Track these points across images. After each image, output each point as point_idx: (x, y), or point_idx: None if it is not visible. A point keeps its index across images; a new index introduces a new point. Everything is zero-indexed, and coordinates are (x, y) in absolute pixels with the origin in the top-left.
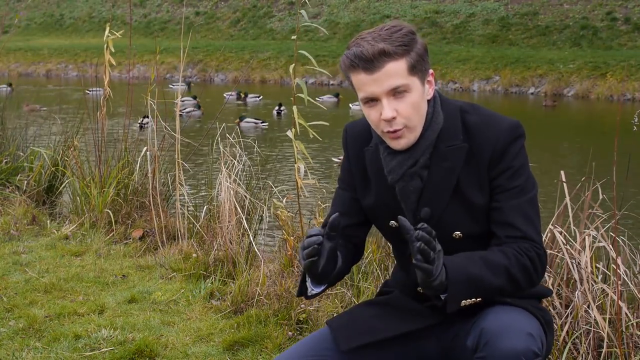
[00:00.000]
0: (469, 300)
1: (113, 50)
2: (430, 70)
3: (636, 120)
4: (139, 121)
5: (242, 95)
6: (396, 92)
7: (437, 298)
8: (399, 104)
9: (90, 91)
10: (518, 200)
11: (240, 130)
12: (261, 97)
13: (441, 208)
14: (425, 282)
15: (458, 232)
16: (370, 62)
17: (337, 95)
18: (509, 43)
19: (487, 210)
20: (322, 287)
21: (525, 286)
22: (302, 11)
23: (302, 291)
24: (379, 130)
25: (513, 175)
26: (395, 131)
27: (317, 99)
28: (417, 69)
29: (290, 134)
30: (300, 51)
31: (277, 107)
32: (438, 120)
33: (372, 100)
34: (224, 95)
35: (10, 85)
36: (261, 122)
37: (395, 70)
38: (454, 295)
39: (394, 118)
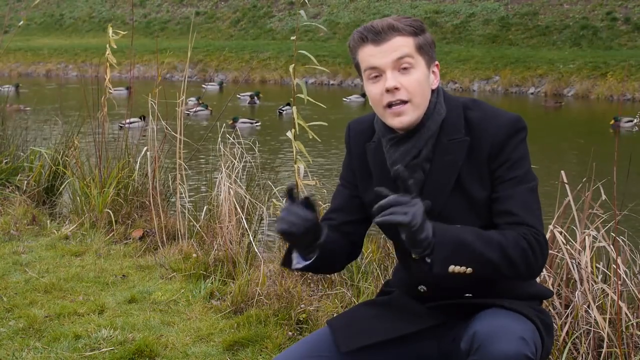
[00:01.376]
0: (457, 267)
1: (115, 46)
2: (436, 62)
3: (637, 120)
4: (121, 122)
5: (252, 98)
6: (401, 67)
7: (424, 263)
8: (402, 78)
9: (114, 90)
10: (516, 189)
11: (236, 131)
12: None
13: (442, 201)
14: (410, 235)
15: (459, 226)
16: (379, 34)
17: (364, 95)
18: (509, 43)
19: (489, 204)
20: (308, 262)
21: (523, 270)
22: (301, 11)
23: (286, 262)
24: (381, 107)
25: (512, 166)
26: (399, 103)
27: (344, 99)
28: (424, 50)
29: (290, 134)
30: (300, 51)
31: (280, 107)
32: (440, 111)
33: (376, 75)
34: (238, 96)
35: (17, 86)
36: (255, 122)
37: (402, 43)
38: (440, 255)
39: (397, 89)
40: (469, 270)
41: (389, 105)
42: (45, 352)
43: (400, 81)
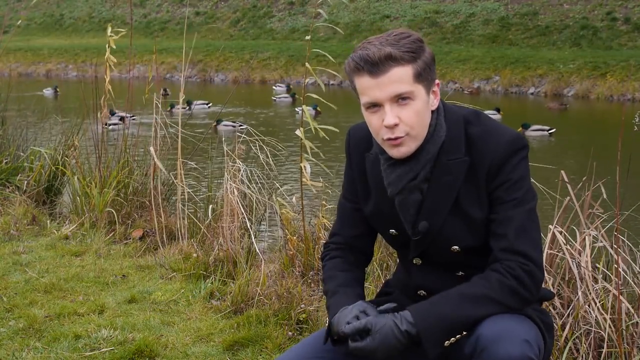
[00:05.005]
0: (452, 338)
1: (115, 47)
2: (437, 81)
3: (637, 120)
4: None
5: (294, 95)
6: (400, 99)
7: (418, 348)
8: (402, 111)
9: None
10: (514, 212)
11: (217, 133)
12: (210, 104)
13: (440, 222)
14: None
15: (456, 247)
16: (375, 66)
17: (292, 95)
18: (509, 43)
19: (487, 224)
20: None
21: (518, 305)
22: (320, 10)
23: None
24: (380, 137)
25: (511, 187)
26: (396, 138)
27: (273, 98)
28: (423, 77)
29: (299, 132)
30: (315, 49)
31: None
32: (440, 133)
33: (374, 106)
34: (275, 99)
35: (55, 89)
36: (239, 125)
37: (401, 76)
38: (430, 341)
39: (396, 125)
40: (464, 333)
41: (388, 138)
42: (45, 352)
43: (399, 115)
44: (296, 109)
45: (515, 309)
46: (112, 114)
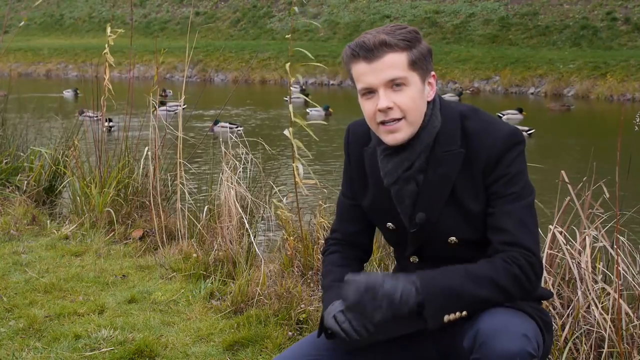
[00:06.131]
0: (452, 315)
1: (112, 43)
2: (432, 72)
3: (638, 120)
4: (106, 124)
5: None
6: (394, 85)
7: (419, 318)
8: (396, 97)
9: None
10: (513, 206)
11: (214, 135)
12: (185, 106)
13: (436, 213)
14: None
15: (453, 238)
16: (370, 51)
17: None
18: (509, 43)
19: (484, 217)
20: None
21: (518, 295)
22: (295, 8)
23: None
24: (374, 123)
25: (509, 182)
26: (392, 121)
27: (285, 98)
28: (418, 65)
29: (287, 132)
30: (297, 48)
31: (324, 109)
32: (435, 123)
33: (369, 92)
34: (287, 99)
35: (76, 90)
36: (236, 127)
37: (395, 62)
38: (432, 310)
39: (389, 108)
40: (464, 313)
41: (383, 122)
42: (45, 352)
43: (394, 100)
44: (307, 110)
45: (514, 298)
46: (81, 113)
